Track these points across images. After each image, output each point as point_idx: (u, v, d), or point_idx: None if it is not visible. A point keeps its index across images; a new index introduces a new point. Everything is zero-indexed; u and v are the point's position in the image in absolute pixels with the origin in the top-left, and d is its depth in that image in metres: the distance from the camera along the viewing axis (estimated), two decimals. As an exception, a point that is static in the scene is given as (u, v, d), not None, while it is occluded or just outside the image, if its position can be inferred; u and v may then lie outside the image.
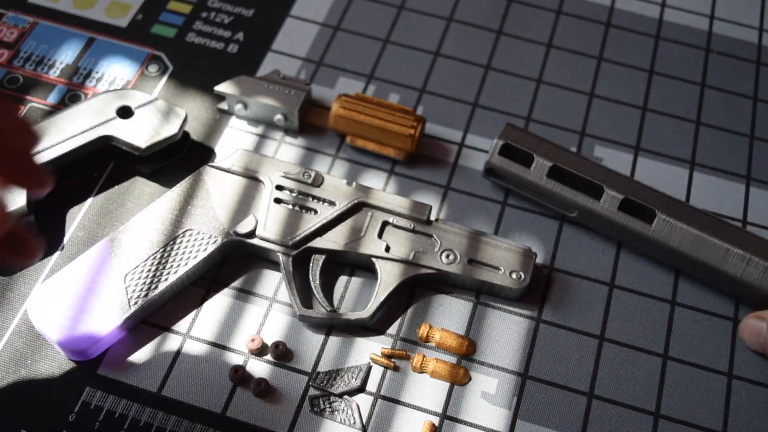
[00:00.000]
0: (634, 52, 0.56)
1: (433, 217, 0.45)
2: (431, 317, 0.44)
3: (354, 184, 0.45)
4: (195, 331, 0.43)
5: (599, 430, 0.41)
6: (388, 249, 0.43)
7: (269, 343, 0.42)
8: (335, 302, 0.44)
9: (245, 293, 0.44)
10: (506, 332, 0.44)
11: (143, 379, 0.41)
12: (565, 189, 0.45)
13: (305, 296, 0.43)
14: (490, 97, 0.53)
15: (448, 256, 0.43)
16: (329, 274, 0.45)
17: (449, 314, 0.44)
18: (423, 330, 0.42)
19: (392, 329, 0.43)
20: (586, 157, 0.46)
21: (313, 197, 0.45)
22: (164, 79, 0.52)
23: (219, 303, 0.44)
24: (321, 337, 0.43)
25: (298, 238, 0.43)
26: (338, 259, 0.44)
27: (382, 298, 0.42)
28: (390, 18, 0.56)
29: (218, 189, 0.45)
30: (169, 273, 0.42)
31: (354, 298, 0.44)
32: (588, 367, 0.43)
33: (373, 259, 0.43)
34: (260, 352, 0.42)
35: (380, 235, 0.44)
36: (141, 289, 0.41)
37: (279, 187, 0.45)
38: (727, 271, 0.43)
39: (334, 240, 0.44)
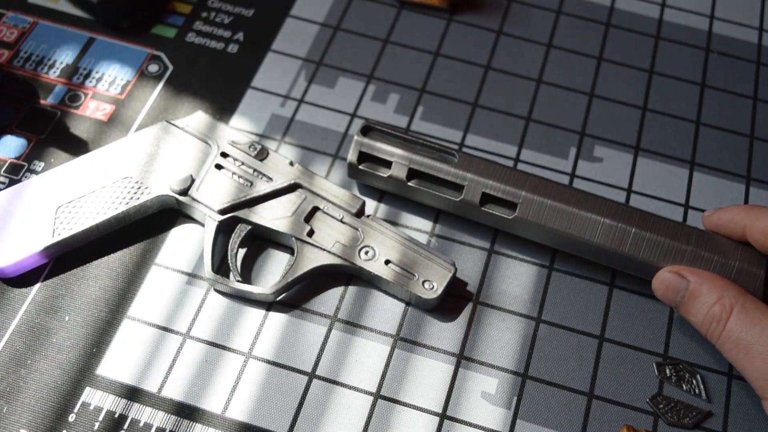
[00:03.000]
0: (634, 52, 0.56)
1: (368, 213, 0.46)
2: (431, 317, 0.44)
3: (296, 165, 0.46)
4: (195, 331, 0.43)
5: (599, 430, 0.41)
6: (311, 234, 0.44)
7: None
8: (259, 279, 0.44)
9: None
10: (506, 332, 0.44)
11: (143, 379, 0.41)
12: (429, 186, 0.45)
13: (224, 264, 0.44)
14: (490, 97, 0.53)
15: (366, 253, 0.43)
16: (258, 250, 0.45)
17: (449, 314, 0.44)
18: None
19: (390, 328, 0.43)
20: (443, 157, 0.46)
21: (254, 170, 0.46)
22: (164, 79, 0.52)
23: (219, 303, 0.44)
24: (321, 336, 0.43)
25: (226, 205, 0.44)
26: (262, 234, 0.45)
27: (289, 279, 0.43)
28: (390, 18, 0.56)
29: (169, 145, 0.46)
30: (98, 213, 0.44)
31: (277, 276, 0.45)
32: (588, 367, 0.43)
33: (294, 240, 0.44)
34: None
35: (308, 219, 0.44)
36: (68, 223, 0.43)
37: (224, 155, 0.46)
38: (599, 243, 0.43)
39: (261, 215, 0.44)
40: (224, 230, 0.45)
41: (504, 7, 0.58)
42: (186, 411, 0.40)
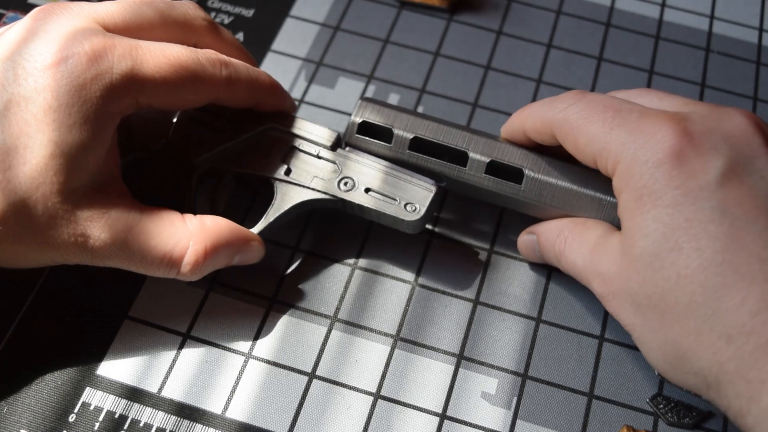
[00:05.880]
0: (634, 52, 0.56)
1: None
2: (431, 317, 0.44)
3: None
4: (195, 331, 0.43)
5: (599, 430, 0.41)
6: (288, 172, 0.44)
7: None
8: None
9: (246, 294, 0.44)
10: (506, 332, 0.44)
11: (143, 379, 0.41)
12: (429, 160, 0.44)
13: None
14: (490, 97, 0.53)
15: (345, 184, 0.43)
16: (242, 196, 0.45)
17: (449, 314, 0.44)
18: None
19: (390, 328, 0.43)
20: (448, 122, 0.45)
21: (227, 118, 0.44)
22: (164, 79, 0.52)
23: (219, 303, 0.44)
24: (321, 336, 0.43)
25: (204, 157, 0.43)
26: (242, 179, 0.45)
27: (271, 219, 0.43)
28: (390, 18, 0.56)
29: None
30: None
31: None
32: (588, 367, 0.43)
33: (272, 181, 0.43)
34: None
35: (283, 159, 0.44)
36: None
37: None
38: (605, 221, 0.42)
39: (239, 161, 0.44)
40: (205, 183, 0.44)
41: (504, 7, 0.58)
42: (186, 411, 0.40)
